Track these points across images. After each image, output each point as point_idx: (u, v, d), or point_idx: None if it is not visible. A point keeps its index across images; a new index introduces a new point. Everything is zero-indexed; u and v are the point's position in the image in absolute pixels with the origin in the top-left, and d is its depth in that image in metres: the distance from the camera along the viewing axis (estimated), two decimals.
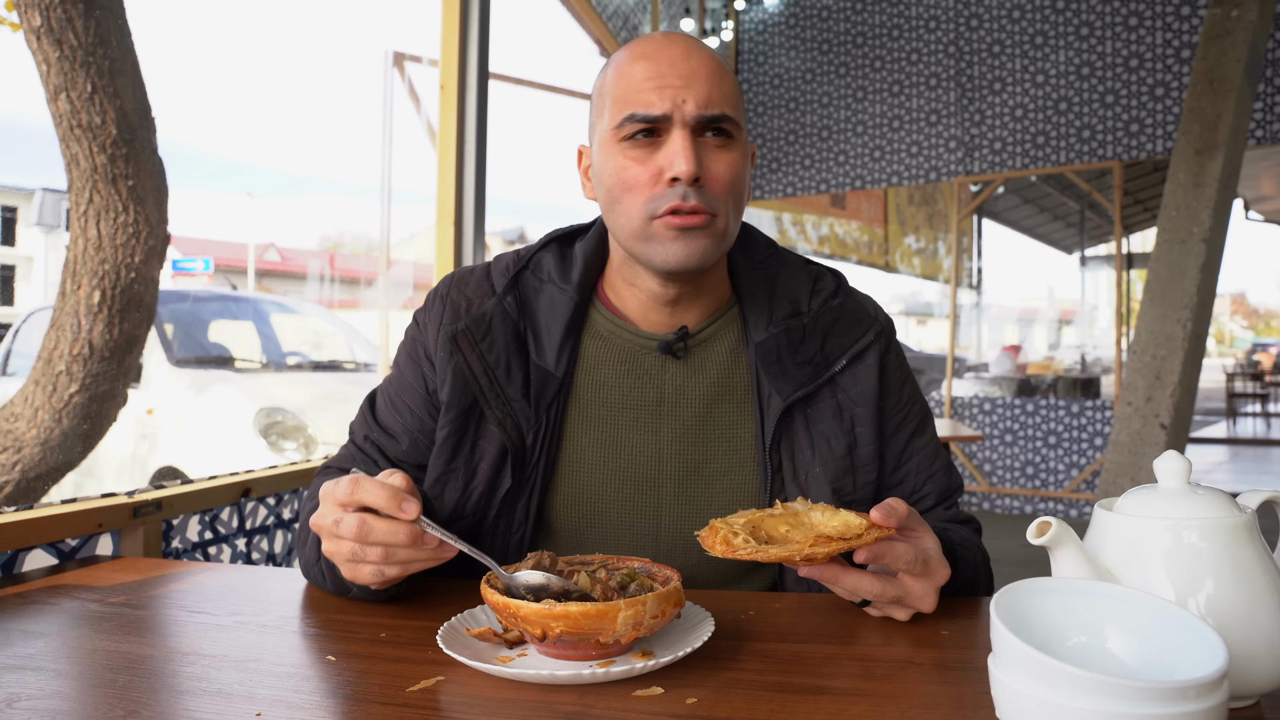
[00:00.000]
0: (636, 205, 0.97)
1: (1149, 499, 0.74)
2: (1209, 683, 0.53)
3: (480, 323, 1.05)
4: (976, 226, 8.01)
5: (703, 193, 0.96)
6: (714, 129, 0.97)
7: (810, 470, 1.04)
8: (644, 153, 0.97)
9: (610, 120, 0.98)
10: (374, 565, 0.86)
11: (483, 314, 1.05)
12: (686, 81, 0.95)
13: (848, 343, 1.07)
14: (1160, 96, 6.23)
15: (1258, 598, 0.69)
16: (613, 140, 0.98)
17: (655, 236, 0.97)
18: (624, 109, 0.96)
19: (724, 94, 0.97)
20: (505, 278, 1.09)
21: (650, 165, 0.96)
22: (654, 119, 0.95)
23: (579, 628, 0.74)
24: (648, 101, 0.95)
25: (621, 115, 0.96)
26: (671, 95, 0.95)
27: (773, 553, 0.80)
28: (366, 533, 0.84)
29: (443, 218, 2.57)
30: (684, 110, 0.95)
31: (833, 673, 0.77)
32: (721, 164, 0.97)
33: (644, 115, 0.95)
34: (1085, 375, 7.70)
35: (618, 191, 0.98)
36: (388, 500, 0.84)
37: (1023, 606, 0.62)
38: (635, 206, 0.97)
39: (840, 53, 7.27)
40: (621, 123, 0.97)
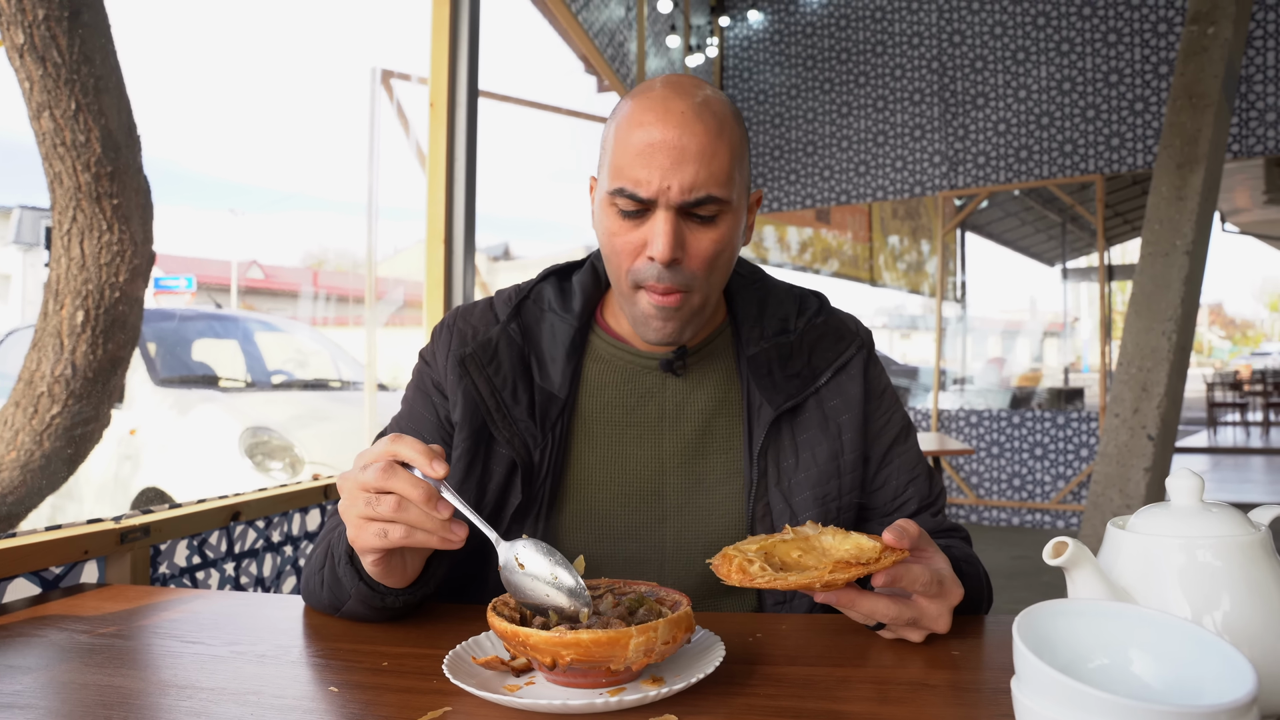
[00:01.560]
0: (621, 269, 1.02)
1: (1162, 517, 0.73)
2: (1240, 707, 0.52)
3: (486, 348, 1.10)
4: (960, 240, 8.06)
5: (680, 271, 0.99)
6: (698, 210, 0.98)
7: (794, 477, 1.08)
8: (631, 223, 0.99)
9: (605, 182, 1.01)
10: (382, 523, 0.85)
11: (488, 340, 1.10)
12: (675, 162, 0.95)
13: (832, 357, 1.13)
14: (1140, 111, 6.30)
15: (1274, 616, 0.68)
16: (607, 200, 1.01)
17: (637, 303, 1.03)
18: (617, 180, 0.98)
19: (712, 174, 0.97)
20: (508, 307, 1.14)
21: (634, 237, 1.00)
22: (640, 200, 0.97)
23: (590, 655, 0.72)
24: (636, 180, 0.96)
25: (613, 186, 0.99)
26: (660, 176, 0.95)
27: (792, 580, 0.78)
28: (388, 477, 0.84)
29: (433, 235, 2.56)
30: (669, 195, 0.96)
31: (847, 696, 0.76)
32: (704, 241, 1.00)
33: (632, 194, 0.97)
34: (1069, 387, 7.75)
35: (607, 250, 1.04)
36: (422, 454, 0.85)
37: (1045, 628, 0.61)
38: (620, 270, 1.02)
39: (825, 69, 7.32)
40: (612, 192, 0.99)
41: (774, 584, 0.78)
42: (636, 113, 0.98)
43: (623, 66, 5.62)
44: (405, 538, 0.85)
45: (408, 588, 0.96)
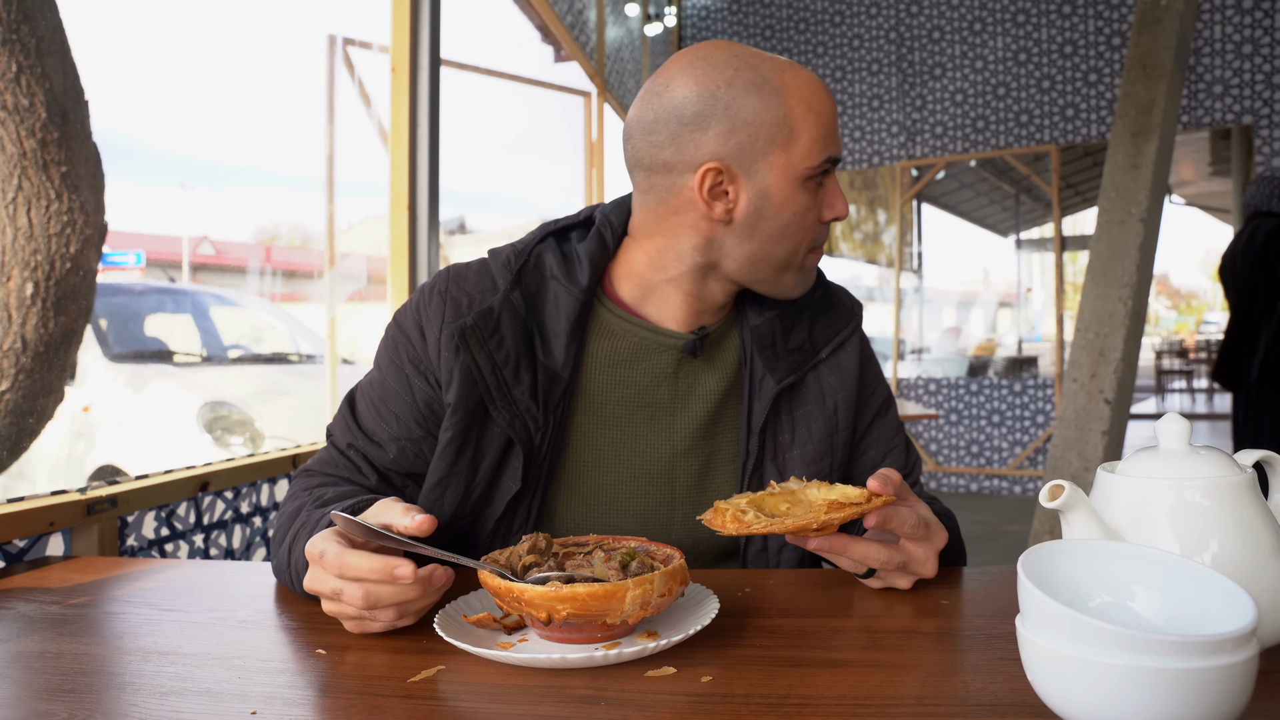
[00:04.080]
0: (805, 240, 1.03)
1: (1152, 460, 0.74)
2: (1242, 636, 0.53)
3: (488, 319, 1.00)
4: (917, 210, 8.13)
5: None
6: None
7: (789, 453, 1.08)
8: (815, 196, 1.01)
9: (805, 155, 0.98)
10: (385, 624, 0.81)
11: (489, 309, 1.00)
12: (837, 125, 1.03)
13: (831, 333, 1.13)
14: (1094, 82, 6.38)
15: (1262, 553, 0.70)
16: (804, 175, 0.98)
17: (805, 268, 1.05)
18: (823, 150, 0.99)
19: None
20: (508, 273, 1.04)
21: (815, 205, 1.01)
22: (836, 161, 1.02)
23: (586, 609, 0.72)
24: (837, 146, 1.01)
25: (823, 156, 0.99)
26: (839, 139, 1.02)
27: (789, 523, 0.79)
28: (375, 600, 0.77)
29: (396, 205, 2.51)
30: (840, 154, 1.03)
31: (842, 645, 0.76)
32: None
33: (834, 158, 1.01)
34: (1024, 355, 7.88)
35: (794, 226, 1.00)
36: (380, 573, 0.76)
37: (1047, 568, 0.61)
38: (804, 241, 1.03)
39: (783, 38, 7.30)
40: (823, 162, 0.99)
41: (770, 528, 0.79)
42: (810, 91, 0.99)
43: (582, 35, 5.55)
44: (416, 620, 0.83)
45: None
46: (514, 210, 18.68)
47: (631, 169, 1.04)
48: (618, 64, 6.28)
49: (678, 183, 0.99)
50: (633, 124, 1.02)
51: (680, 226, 1.01)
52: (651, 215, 1.03)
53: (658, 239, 1.04)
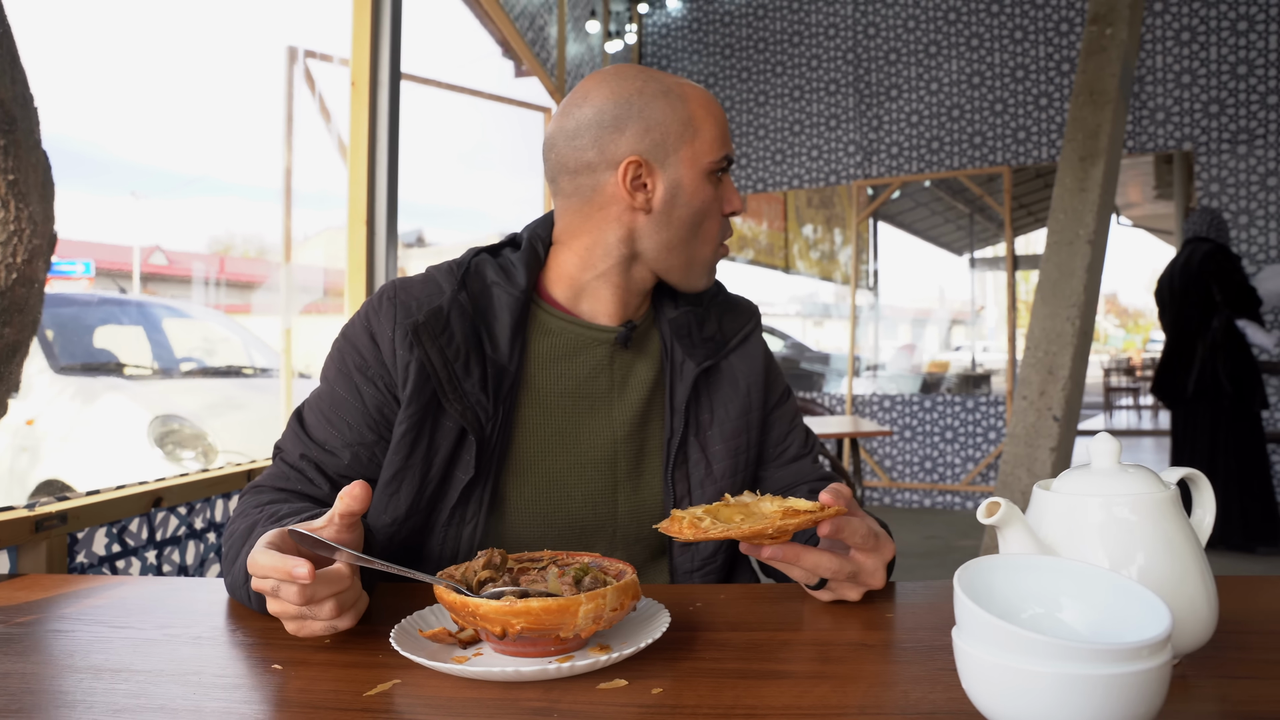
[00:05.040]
0: (713, 233, 1.16)
1: (1084, 478, 0.77)
2: (1157, 643, 0.56)
3: (438, 316, 1.07)
4: (873, 229, 8.25)
5: None
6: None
7: (709, 430, 1.18)
8: (717, 189, 1.14)
9: (707, 151, 1.12)
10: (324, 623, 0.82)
11: (438, 308, 1.07)
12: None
13: (738, 326, 1.26)
14: (1044, 106, 6.55)
15: (1182, 566, 0.73)
16: (707, 169, 1.12)
17: (711, 260, 1.18)
18: (720, 148, 1.12)
19: None
20: (452, 278, 1.12)
21: (718, 199, 1.15)
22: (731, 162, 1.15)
23: (540, 623, 0.73)
24: (731, 147, 1.14)
25: (722, 152, 1.12)
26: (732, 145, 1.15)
27: (745, 528, 0.81)
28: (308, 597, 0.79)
29: (354, 218, 2.51)
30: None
31: (790, 657, 0.78)
32: None
33: (729, 156, 1.14)
34: (978, 373, 8.01)
35: (703, 214, 1.13)
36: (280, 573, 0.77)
37: (982, 582, 0.64)
38: (712, 235, 1.16)
39: (742, 57, 7.40)
40: (721, 159, 1.12)
41: (728, 534, 0.81)
42: (701, 98, 1.13)
43: (543, 51, 5.58)
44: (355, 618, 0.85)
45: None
46: (472, 224, 18.68)
47: (556, 176, 1.15)
48: (579, 80, 6.32)
49: (601, 180, 1.11)
50: (555, 135, 1.14)
51: (606, 221, 1.13)
52: (578, 216, 1.14)
53: (585, 238, 1.14)
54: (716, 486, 1.16)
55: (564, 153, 1.12)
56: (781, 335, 8.68)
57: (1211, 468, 4.64)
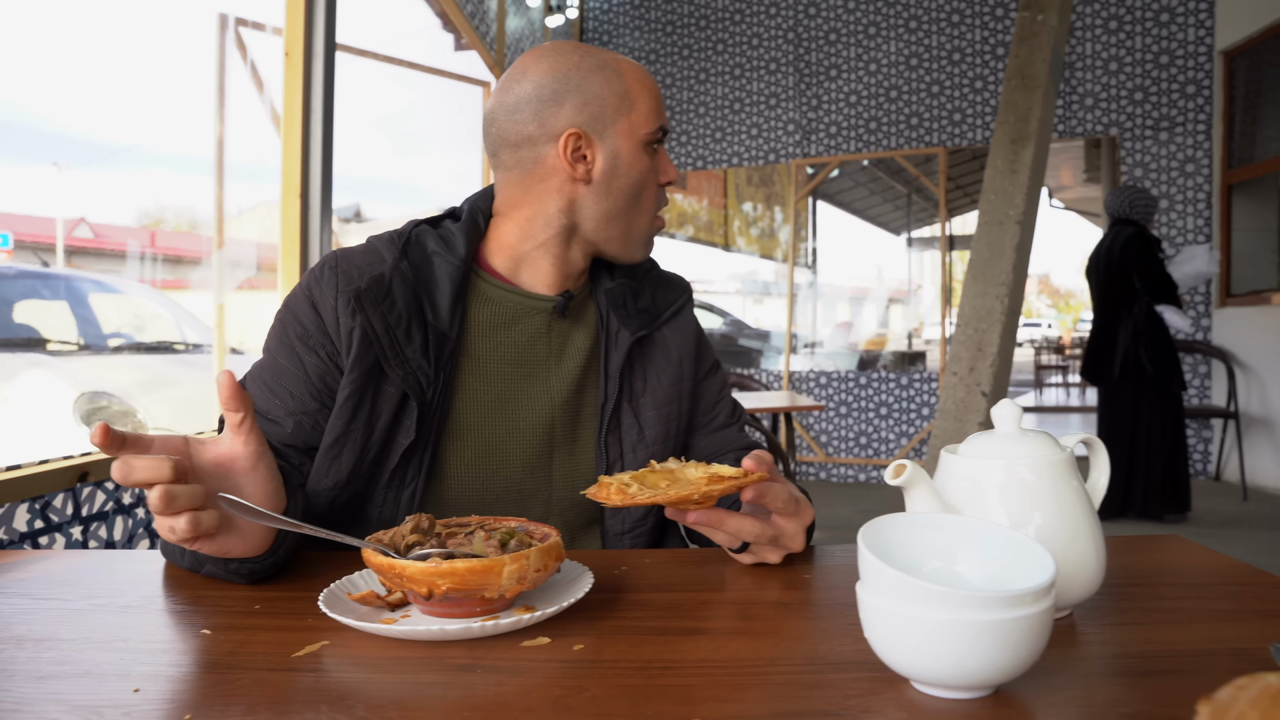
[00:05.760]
0: (650, 203, 1.19)
1: (987, 442, 0.82)
2: (1040, 590, 0.60)
3: (380, 283, 1.09)
4: (812, 208, 8.34)
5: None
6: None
7: (642, 398, 1.23)
8: (653, 160, 1.18)
9: (643, 122, 1.15)
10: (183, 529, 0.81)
11: (380, 275, 1.10)
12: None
13: (671, 300, 1.31)
14: (980, 89, 6.68)
15: (1075, 523, 0.78)
16: (643, 140, 1.15)
17: (649, 231, 1.21)
18: (656, 120, 1.16)
19: None
20: (393, 247, 1.14)
21: (654, 170, 1.18)
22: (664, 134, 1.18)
23: (465, 584, 0.75)
24: (665, 119, 1.18)
25: (656, 124, 1.16)
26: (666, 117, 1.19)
27: (671, 494, 0.84)
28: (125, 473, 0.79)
29: (288, 192, 2.47)
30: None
31: (710, 615, 0.82)
32: None
33: (664, 128, 1.18)
34: (913, 350, 8.18)
35: (640, 184, 1.17)
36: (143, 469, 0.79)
37: (885, 538, 0.68)
38: (650, 204, 1.19)
39: (683, 35, 7.40)
40: (657, 130, 1.16)
41: (654, 499, 0.84)
42: (633, 69, 1.17)
43: (482, 24, 5.52)
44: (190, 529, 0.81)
45: (262, 555, 0.92)
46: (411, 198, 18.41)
47: (497, 150, 1.17)
48: (518, 54, 6.26)
49: (542, 152, 1.14)
50: (495, 109, 1.16)
51: (546, 193, 1.15)
52: (519, 188, 1.16)
53: (526, 209, 1.17)
54: (648, 451, 1.20)
55: (504, 127, 1.14)
56: (721, 312, 8.75)
57: (1133, 444, 4.83)
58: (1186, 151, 6.28)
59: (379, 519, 1.11)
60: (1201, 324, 6.29)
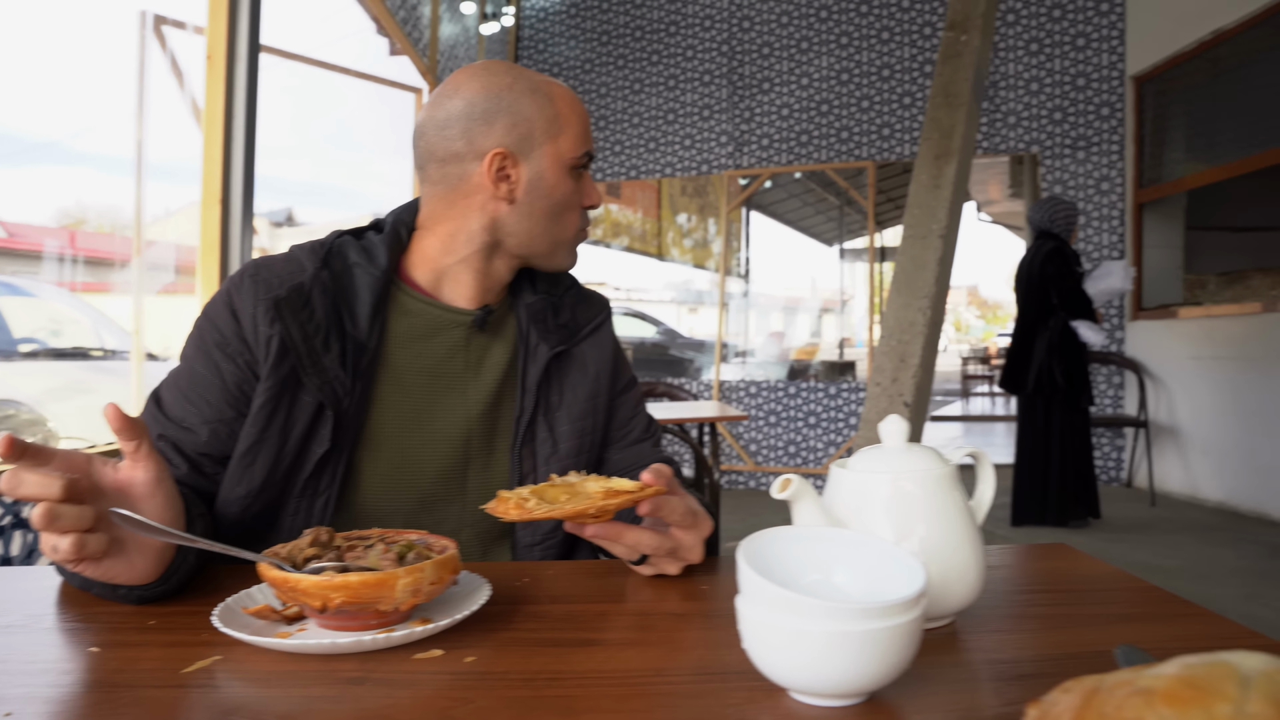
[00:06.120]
0: (574, 221, 1.22)
1: (875, 456, 0.85)
2: (908, 600, 0.63)
3: (299, 292, 1.10)
4: (745, 218, 8.45)
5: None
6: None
7: (558, 412, 1.24)
8: (578, 183, 1.20)
9: (570, 148, 1.18)
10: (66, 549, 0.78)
11: (300, 285, 1.10)
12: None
13: (590, 316, 1.33)
14: (908, 105, 6.84)
15: (956, 534, 0.82)
16: (568, 164, 1.18)
17: (572, 246, 1.24)
18: (583, 145, 1.19)
19: None
20: (315, 257, 1.15)
21: (578, 193, 1.21)
22: (591, 158, 1.21)
23: (359, 597, 0.76)
24: (592, 145, 1.21)
25: (582, 149, 1.19)
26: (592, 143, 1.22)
27: (568, 508, 0.86)
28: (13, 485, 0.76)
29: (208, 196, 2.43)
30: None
31: (604, 627, 0.83)
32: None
33: (590, 154, 1.20)
34: (844, 360, 8.32)
35: (562, 207, 1.19)
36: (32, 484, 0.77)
37: (766, 552, 0.70)
38: (573, 222, 1.22)
39: (619, 45, 7.44)
40: (582, 155, 1.19)
41: (550, 514, 0.85)
42: (564, 94, 1.19)
43: (415, 30, 5.48)
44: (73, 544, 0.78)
45: (150, 584, 0.88)
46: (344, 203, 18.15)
47: (424, 164, 1.19)
48: (452, 61, 6.23)
49: (468, 169, 1.15)
50: (425, 124, 1.17)
51: (470, 209, 1.17)
52: (443, 203, 1.18)
53: (449, 224, 1.19)
54: (561, 464, 1.22)
55: (433, 141, 1.16)
56: (654, 321, 8.81)
57: (1048, 452, 4.98)
58: (1102, 170, 6.52)
59: (291, 528, 1.10)
60: (1115, 336, 6.52)
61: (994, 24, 5.00)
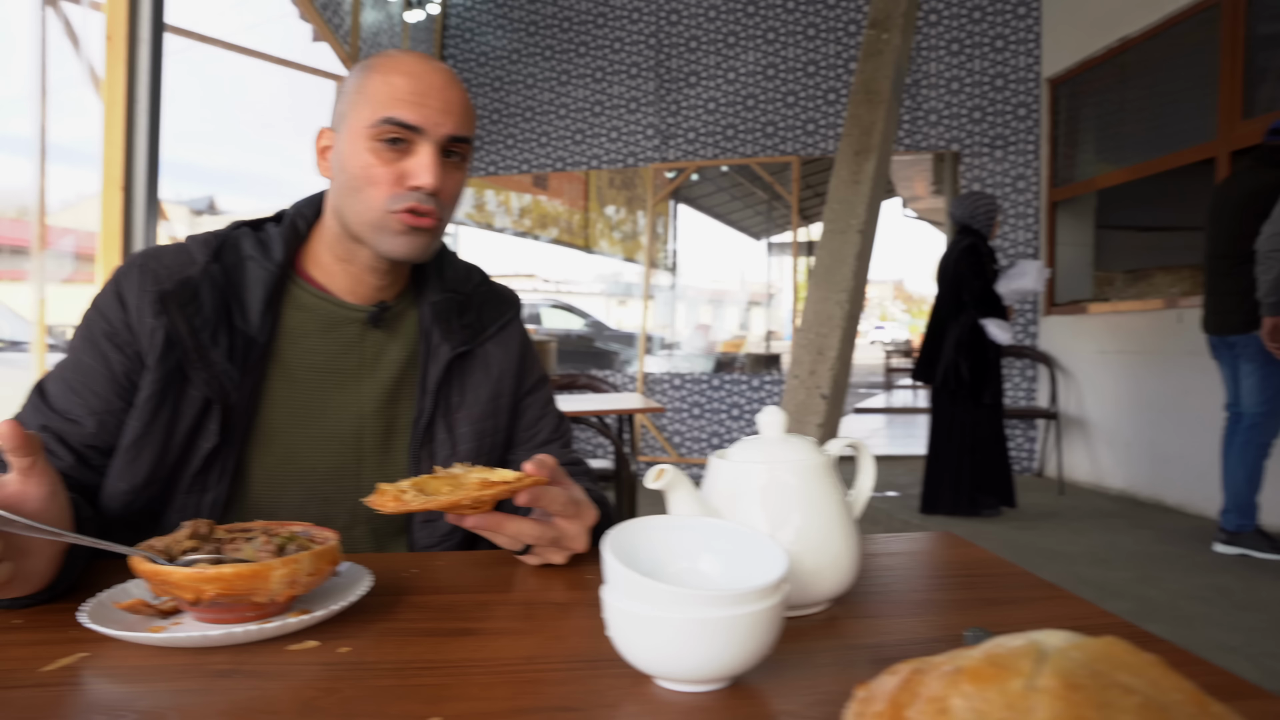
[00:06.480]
0: (378, 198, 1.10)
1: (753, 447, 0.87)
2: (767, 587, 0.65)
3: (187, 286, 1.08)
4: (673, 211, 8.49)
5: (436, 200, 1.12)
6: (452, 151, 1.13)
7: (458, 413, 1.23)
8: (392, 155, 1.09)
9: (367, 117, 1.09)
10: None
11: (188, 279, 1.09)
12: (445, 106, 1.10)
13: (497, 315, 1.31)
14: (832, 101, 6.95)
15: (830, 523, 0.84)
16: (365, 136, 1.09)
17: (389, 227, 1.11)
18: (383, 111, 1.08)
19: (470, 122, 1.15)
20: (206, 250, 1.13)
21: (394, 168, 1.09)
22: (409, 128, 1.08)
23: (233, 589, 0.75)
24: (408, 112, 1.08)
25: (379, 116, 1.08)
26: (430, 114, 1.09)
27: (443, 500, 0.86)
28: None
29: (110, 182, 2.35)
30: (438, 130, 1.09)
31: (485, 616, 0.84)
32: (454, 181, 1.15)
33: (400, 121, 1.07)
34: (770, 353, 8.43)
35: (360, 182, 1.10)
36: None
37: (634, 541, 0.72)
38: (376, 199, 1.10)
39: (545, 35, 7.40)
40: (378, 123, 1.08)
41: (427, 505, 0.86)
42: (402, 64, 1.10)
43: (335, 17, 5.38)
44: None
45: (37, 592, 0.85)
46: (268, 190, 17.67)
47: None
48: (375, 49, 6.12)
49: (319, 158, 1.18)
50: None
51: (328, 197, 1.19)
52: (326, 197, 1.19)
53: (326, 216, 1.20)
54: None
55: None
56: (581, 313, 8.81)
57: (956, 445, 5.13)
58: (1018, 169, 6.72)
59: (179, 524, 1.08)
60: (1030, 331, 6.73)
61: (915, 23, 5.11)
